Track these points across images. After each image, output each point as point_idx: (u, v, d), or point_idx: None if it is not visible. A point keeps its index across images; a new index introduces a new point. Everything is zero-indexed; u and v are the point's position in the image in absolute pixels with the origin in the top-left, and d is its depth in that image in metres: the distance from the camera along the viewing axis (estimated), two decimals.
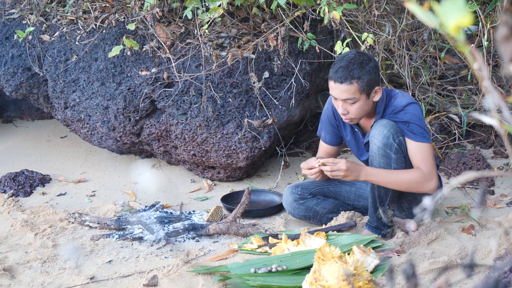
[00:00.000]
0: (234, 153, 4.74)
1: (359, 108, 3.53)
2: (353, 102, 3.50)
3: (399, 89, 3.84)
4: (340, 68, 3.46)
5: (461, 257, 3.42)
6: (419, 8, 1.02)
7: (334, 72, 3.48)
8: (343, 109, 3.54)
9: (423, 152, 3.54)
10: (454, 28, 0.92)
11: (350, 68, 3.44)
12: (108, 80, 4.92)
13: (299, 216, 4.13)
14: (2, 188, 4.91)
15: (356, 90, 3.46)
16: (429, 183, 3.52)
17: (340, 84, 3.46)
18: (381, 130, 3.52)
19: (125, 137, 5.02)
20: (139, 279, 3.38)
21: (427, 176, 3.52)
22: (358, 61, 3.47)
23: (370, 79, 3.47)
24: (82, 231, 4.15)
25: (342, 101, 3.51)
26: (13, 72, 5.33)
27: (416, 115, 3.56)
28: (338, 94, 3.50)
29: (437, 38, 5.15)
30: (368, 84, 3.47)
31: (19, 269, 3.59)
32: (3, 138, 6.24)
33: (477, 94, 5.30)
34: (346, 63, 3.46)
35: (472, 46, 1.00)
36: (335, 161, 3.54)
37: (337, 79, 3.46)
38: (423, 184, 3.52)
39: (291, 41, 4.74)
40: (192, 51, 4.70)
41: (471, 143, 5.28)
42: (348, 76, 3.43)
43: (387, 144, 3.50)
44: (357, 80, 3.44)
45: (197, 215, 4.38)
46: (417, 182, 3.52)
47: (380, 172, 3.55)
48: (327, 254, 3.09)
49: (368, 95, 3.52)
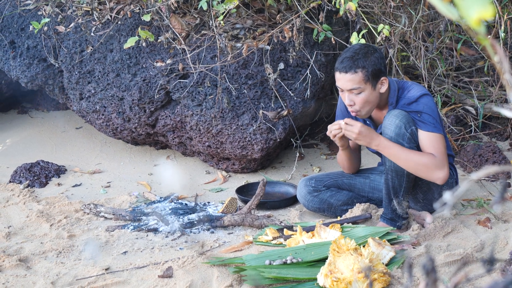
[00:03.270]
0: (249, 144, 4.73)
1: (365, 99, 3.53)
2: (359, 92, 3.51)
3: (412, 81, 3.82)
4: (345, 58, 3.50)
5: (476, 250, 3.40)
6: (439, 0, 1.00)
7: (339, 62, 3.52)
8: (349, 100, 3.55)
9: (434, 142, 3.52)
10: (475, 20, 0.91)
11: (355, 58, 3.48)
12: (123, 71, 4.92)
13: (313, 209, 4.12)
14: (17, 179, 4.93)
15: (361, 80, 3.48)
16: (439, 172, 3.48)
17: (345, 74, 3.49)
18: (393, 120, 3.50)
19: (140, 128, 5.03)
20: (154, 270, 3.38)
21: (439, 164, 3.48)
22: (363, 52, 3.50)
23: (375, 69, 3.49)
24: (97, 222, 4.16)
25: (348, 91, 3.53)
26: (29, 63, 5.34)
27: (429, 106, 3.55)
28: (343, 84, 3.53)
29: (453, 30, 5.12)
30: (373, 74, 3.49)
31: (34, 259, 3.60)
32: (19, 129, 6.26)
33: (494, 85, 5.27)
34: (351, 54, 3.50)
35: (489, 38, 0.99)
36: (352, 122, 3.55)
37: (342, 69, 3.50)
38: (432, 170, 3.48)
39: (306, 32, 4.73)
40: (207, 42, 4.69)
41: (487, 135, 5.25)
42: (353, 66, 3.47)
43: (399, 133, 3.48)
44: (361, 69, 3.46)
45: (212, 206, 4.38)
46: (426, 166, 3.48)
47: (393, 146, 3.51)
48: (342, 246, 3.08)
49: (374, 86, 3.53)
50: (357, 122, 3.55)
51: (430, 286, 1.00)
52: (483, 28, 0.96)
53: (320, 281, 3.03)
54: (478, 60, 5.59)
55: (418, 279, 3.05)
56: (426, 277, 1.02)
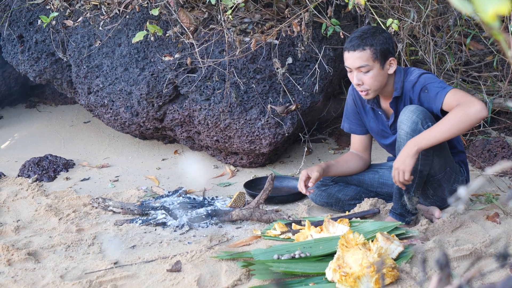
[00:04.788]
0: (257, 139, 4.73)
1: (373, 77, 3.54)
2: (367, 70, 3.52)
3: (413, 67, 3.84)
4: (353, 37, 3.54)
5: (485, 245, 3.39)
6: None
7: (348, 42, 3.57)
8: (358, 79, 3.56)
9: (452, 99, 3.42)
10: (491, 15, 0.90)
11: (363, 36, 3.52)
12: (132, 65, 4.93)
13: (321, 203, 4.12)
14: (26, 173, 4.94)
15: (369, 57, 3.50)
16: (473, 107, 3.31)
17: (354, 51, 3.52)
18: (410, 116, 3.46)
19: (148, 122, 5.03)
20: (162, 264, 3.38)
21: (467, 104, 3.34)
22: (372, 31, 3.55)
23: (383, 47, 3.52)
24: (105, 216, 4.17)
25: (356, 70, 3.55)
26: (37, 57, 5.35)
27: (428, 77, 3.57)
28: (351, 62, 3.55)
29: (462, 24, 5.11)
30: (381, 53, 3.51)
31: (43, 253, 3.61)
32: (27, 123, 6.27)
33: (503, 80, 5.25)
34: (360, 33, 3.55)
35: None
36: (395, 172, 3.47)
37: (350, 47, 3.53)
38: (469, 111, 3.32)
39: (314, 27, 4.72)
40: (216, 36, 4.69)
41: (496, 130, 5.23)
42: (361, 43, 3.50)
43: (415, 130, 3.45)
44: (369, 47, 3.49)
45: (220, 201, 4.38)
46: (463, 115, 3.32)
47: (428, 135, 3.40)
48: (350, 241, 3.08)
49: (383, 66, 3.55)
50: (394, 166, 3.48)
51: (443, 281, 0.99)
52: (498, 23, 0.96)
53: (328, 275, 3.03)
54: (487, 54, 5.57)
55: (427, 274, 3.05)
56: (440, 272, 1.02)
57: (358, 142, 4.05)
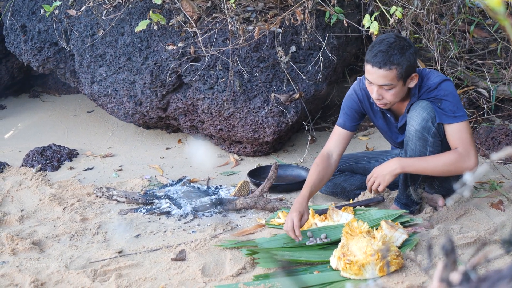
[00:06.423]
0: (261, 127, 4.72)
1: (395, 94, 3.37)
2: (390, 88, 3.34)
3: (429, 68, 3.73)
4: (379, 52, 3.28)
5: (489, 232, 3.39)
6: None
7: (372, 56, 3.30)
8: (378, 94, 3.38)
9: (458, 133, 3.39)
10: (497, 1, 0.90)
11: (390, 53, 3.27)
12: (135, 54, 4.92)
13: (326, 192, 4.12)
14: (30, 163, 4.94)
15: (394, 77, 3.29)
16: (467, 162, 3.36)
17: (379, 69, 3.28)
18: (420, 113, 3.41)
19: (152, 111, 5.03)
20: (167, 253, 3.39)
21: (464, 155, 3.36)
22: (399, 46, 3.29)
23: (409, 65, 3.31)
24: (109, 206, 4.17)
25: (378, 86, 3.35)
26: (40, 47, 5.35)
27: (450, 91, 3.41)
28: (375, 79, 3.33)
29: (466, 12, 5.09)
30: (406, 71, 3.31)
31: (48, 243, 3.62)
32: (30, 113, 6.27)
33: (506, 68, 5.24)
34: (386, 48, 3.28)
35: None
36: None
37: (376, 63, 3.28)
38: (461, 164, 3.35)
39: (318, 15, 4.71)
40: (219, 25, 4.68)
41: (500, 117, 5.22)
42: (388, 62, 3.26)
43: (425, 127, 3.40)
44: (396, 66, 3.27)
45: (224, 189, 4.38)
46: (454, 164, 3.37)
47: (414, 162, 3.44)
48: (355, 229, 3.08)
49: (405, 82, 3.37)
50: (376, 176, 3.49)
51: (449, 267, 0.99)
52: (503, 9, 0.95)
53: (333, 263, 3.03)
54: (491, 42, 5.55)
55: (432, 260, 3.05)
56: (446, 258, 1.02)
57: (342, 139, 3.77)
